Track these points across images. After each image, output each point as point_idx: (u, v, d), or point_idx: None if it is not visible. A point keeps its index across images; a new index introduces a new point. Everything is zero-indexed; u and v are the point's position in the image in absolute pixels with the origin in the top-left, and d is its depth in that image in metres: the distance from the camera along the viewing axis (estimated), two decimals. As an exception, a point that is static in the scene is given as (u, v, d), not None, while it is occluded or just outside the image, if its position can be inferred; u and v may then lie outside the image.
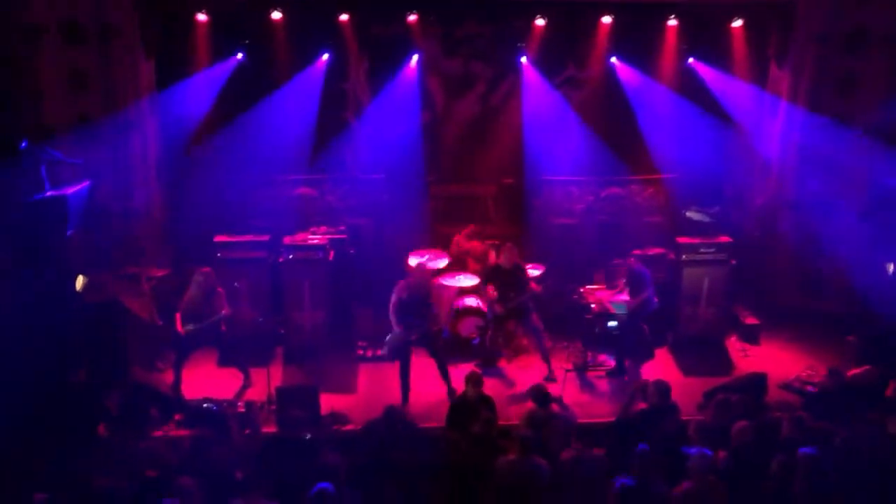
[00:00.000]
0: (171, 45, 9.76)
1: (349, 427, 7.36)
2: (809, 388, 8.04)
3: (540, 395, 6.55)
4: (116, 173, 9.18)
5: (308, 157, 10.66)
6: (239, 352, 8.29)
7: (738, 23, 10.01)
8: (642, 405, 6.64)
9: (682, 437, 6.20)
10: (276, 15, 9.58)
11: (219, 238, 9.12)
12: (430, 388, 8.29)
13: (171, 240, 9.98)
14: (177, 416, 7.55)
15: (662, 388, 6.51)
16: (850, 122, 9.67)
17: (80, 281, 7.50)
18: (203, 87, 10.14)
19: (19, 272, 6.83)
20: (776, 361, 8.92)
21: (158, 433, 6.98)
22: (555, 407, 6.70)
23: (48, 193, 7.01)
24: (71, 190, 7.22)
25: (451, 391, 7.91)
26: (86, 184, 7.71)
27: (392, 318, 7.86)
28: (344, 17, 9.79)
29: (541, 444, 5.85)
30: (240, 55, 10.05)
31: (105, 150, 9.09)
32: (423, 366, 8.73)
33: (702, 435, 6.18)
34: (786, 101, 10.00)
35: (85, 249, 8.26)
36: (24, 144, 7.00)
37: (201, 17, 9.50)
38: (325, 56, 10.25)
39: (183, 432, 7.09)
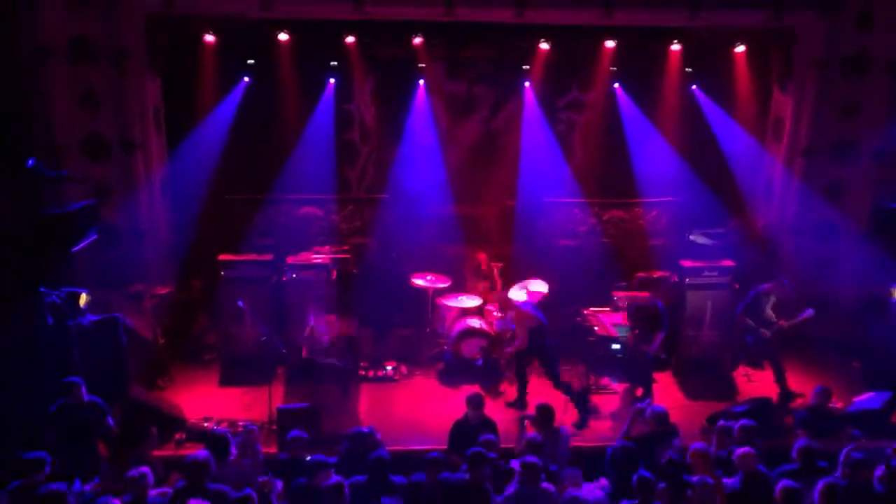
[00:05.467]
0: (177, 65, 9.86)
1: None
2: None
3: (543, 413, 6.49)
4: (122, 191, 9.22)
5: (313, 176, 10.71)
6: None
7: (740, 48, 10.10)
8: (642, 429, 6.58)
9: (682, 462, 6.14)
10: (283, 36, 9.68)
11: (223, 257, 9.13)
12: (431, 409, 8.26)
13: (176, 258, 10.00)
14: (177, 436, 7.52)
15: (660, 414, 6.47)
16: (853, 147, 9.71)
17: (83, 298, 7.49)
18: (209, 106, 10.23)
19: (23, 288, 6.82)
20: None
21: (158, 452, 6.95)
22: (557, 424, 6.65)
23: (54, 210, 7.03)
24: (76, 207, 7.25)
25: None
26: (92, 201, 7.74)
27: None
28: (350, 38, 9.88)
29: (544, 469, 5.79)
30: (246, 78, 10.13)
31: (112, 169, 9.15)
32: (427, 387, 8.71)
33: (703, 462, 6.11)
34: (788, 124, 10.05)
35: (89, 266, 8.28)
36: (31, 162, 7.03)
37: (209, 37, 9.60)
38: (332, 80, 10.36)
39: (183, 451, 7.06)
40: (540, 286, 9.39)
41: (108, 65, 8.95)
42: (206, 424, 7.72)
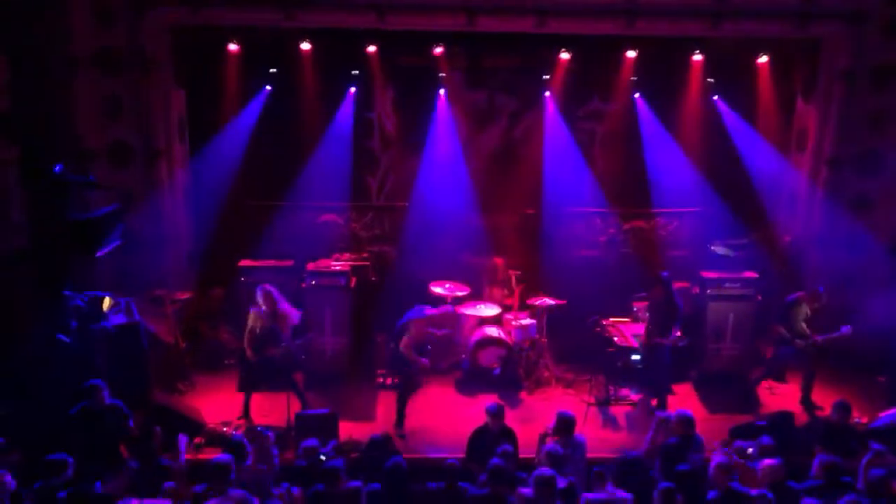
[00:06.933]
0: (201, 74, 10.00)
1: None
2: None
3: (564, 422, 6.43)
4: (146, 198, 9.34)
5: (334, 184, 10.78)
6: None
7: (763, 58, 10.02)
8: (666, 437, 6.51)
9: (705, 472, 6.06)
10: (305, 45, 9.78)
11: (243, 263, 9.20)
12: (449, 417, 8.24)
13: (197, 263, 10.10)
14: (196, 440, 7.57)
15: (686, 420, 6.40)
16: (880, 157, 9.57)
17: (106, 302, 7.59)
18: (231, 114, 10.36)
19: (48, 292, 6.92)
20: (803, 400, 8.72)
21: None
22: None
23: (80, 216, 7.13)
24: (101, 213, 7.35)
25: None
26: (116, 207, 7.85)
27: None
28: (371, 48, 9.95)
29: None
30: (268, 87, 10.25)
31: (136, 176, 9.28)
32: (445, 395, 8.71)
33: (727, 476, 6.03)
34: (813, 135, 9.93)
35: (112, 271, 8.39)
36: (58, 168, 7.15)
37: (232, 47, 9.72)
38: (353, 89, 10.46)
39: (202, 456, 7.12)
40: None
41: (134, 74, 9.10)
42: (224, 429, 7.76)
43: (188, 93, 9.92)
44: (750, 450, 6.50)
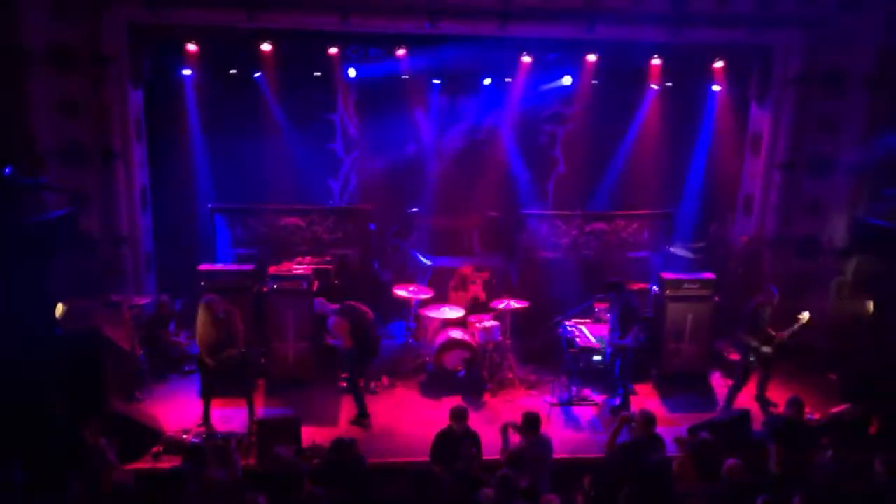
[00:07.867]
0: (160, 74, 9.81)
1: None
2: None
3: (530, 421, 6.46)
4: (102, 200, 9.13)
5: (295, 186, 10.68)
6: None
7: (719, 63, 10.25)
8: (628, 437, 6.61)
9: (666, 472, 6.16)
10: (266, 46, 9.67)
11: (203, 267, 9.05)
12: (413, 420, 8.23)
13: (156, 268, 9.90)
14: (154, 448, 7.42)
15: (648, 418, 6.50)
16: (832, 161, 9.87)
17: (59, 308, 7.39)
18: (190, 115, 10.19)
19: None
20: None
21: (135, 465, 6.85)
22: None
23: (32, 218, 6.94)
24: (55, 215, 7.16)
25: None
26: (70, 209, 7.65)
27: None
28: (333, 49, 9.90)
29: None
30: (228, 88, 10.13)
31: (91, 177, 9.05)
32: (409, 398, 8.67)
33: (689, 474, 6.15)
34: (766, 139, 10.19)
35: (67, 276, 8.15)
36: (7, 170, 6.93)
37: (191, 46, 9.56)
38: (315, 91, 10.41)
39: (160, 465, 6.97)
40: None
41: (90, 72, 8.88)
42: (184, 437, 7.61)
43: (146, 92, 9.72)
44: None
